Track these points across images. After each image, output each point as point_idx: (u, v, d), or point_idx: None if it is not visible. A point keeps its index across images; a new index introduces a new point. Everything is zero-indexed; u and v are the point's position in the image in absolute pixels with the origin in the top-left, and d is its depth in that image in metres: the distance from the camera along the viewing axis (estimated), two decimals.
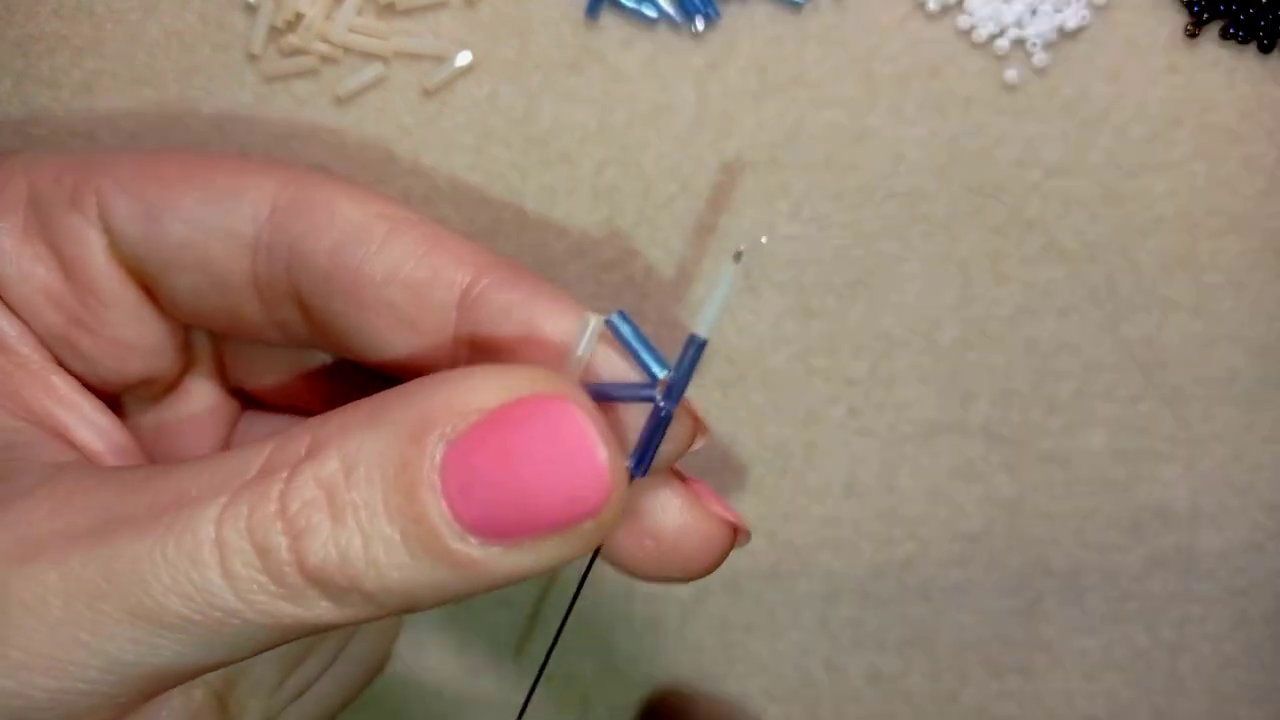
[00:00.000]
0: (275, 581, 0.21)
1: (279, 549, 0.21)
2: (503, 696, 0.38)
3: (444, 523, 0.21)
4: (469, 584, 0.21)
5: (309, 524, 0.21)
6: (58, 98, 0.33)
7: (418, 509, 0.21)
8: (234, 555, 0.21)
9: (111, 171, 0.26)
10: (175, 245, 0.26)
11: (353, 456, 0.21)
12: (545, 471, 0.21)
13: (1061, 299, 0.34)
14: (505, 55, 0.33)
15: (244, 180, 0.26)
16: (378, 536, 0.21)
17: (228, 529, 0.21)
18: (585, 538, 0.21)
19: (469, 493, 0.21)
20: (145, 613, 0.21)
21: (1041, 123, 0.33)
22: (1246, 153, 0.33)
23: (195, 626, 0.21)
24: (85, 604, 0.21)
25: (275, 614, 0.21)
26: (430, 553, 0.21)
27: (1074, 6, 0.32)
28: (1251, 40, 0.32)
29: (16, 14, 0.33)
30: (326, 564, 0.21)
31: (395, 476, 0.21)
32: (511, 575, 0.21)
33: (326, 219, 0.25)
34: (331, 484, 0.21)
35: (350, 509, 0.21)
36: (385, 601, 0.21)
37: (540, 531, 0.21)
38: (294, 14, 0.32)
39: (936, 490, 0.36)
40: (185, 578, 0.21)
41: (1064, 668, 0.37)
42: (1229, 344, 0.34)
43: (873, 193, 0.34)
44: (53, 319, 0.27)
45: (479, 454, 0.21)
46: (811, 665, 0.37)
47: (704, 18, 0.32)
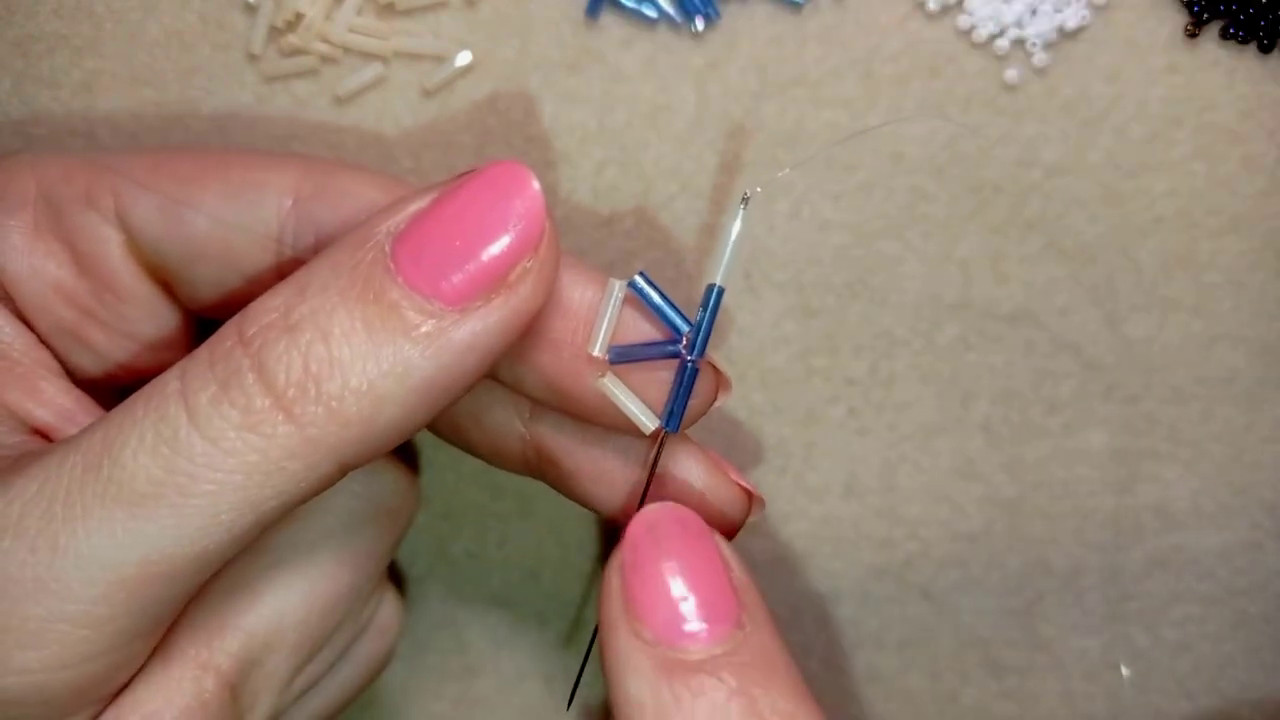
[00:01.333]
0: (240, 407, 0.21)
1: (241, 371, 0.21)
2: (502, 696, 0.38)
3: (401, 294, 0.21)
4: (434, 361, 0.21)
5: (266, 340, 0.21)
6: (57, 97, 0.33)
7: (376, 289, 0.21)
8: (199, 392, 0.21)
9: (127, 171, 0.27)
10: (198, 240, 0.26)
11: (304, 279, 0.22)
12: (483, 220, 0.22)
13: (1061, 299, 0.34)
14: (505, 55, 0.33)
15: (264, 173, 0.26)
16: (337, 330, 0.21)
17: (190, 373, 0.22)
18: (531, 283, 0.22)
19: (419, 261, 0.22)
20: (117, 490, 0.21)
21: (1041, 123, 0.33)
22: (1246, 152, 0.33)
23: (165, 490, 0.21)
24: (61, 505, 0.21)
25: (240, 451, 0.21)
26: (390, 329, 0.21)
27: (1074, 6, 0.32)
28: (1251, 40, 0.32)
29: (16, 14, 0.33)
30: (289, 372, 0.21)
31: (349, 274, 0.22)
32: (469, 344, 0.22)
33: (352, 205, 0.26)
34: (286, 305, 0.22)
35: (308, 316, 0.21)
36: (349, 406, 0.21)
37: (489, 280, 0.22)
38: (294, 14, 0.32)
39: (936, 490, 0.36)
40: (152, 432, 0.21)
41: (1064, 668, 0.37)
42: (1229, 344, 0.34)
43: (873, 193, 0.34)
44: (64, 314, 0.27)
45: (424, 228, 0.22)
46: (811, 665, 0.37)
47: (704, 18, 0.32)
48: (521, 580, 0.37)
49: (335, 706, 0.30)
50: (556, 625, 0.37)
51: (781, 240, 0.34)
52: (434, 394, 0.22)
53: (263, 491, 0.21)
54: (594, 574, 0.37)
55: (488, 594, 0.38)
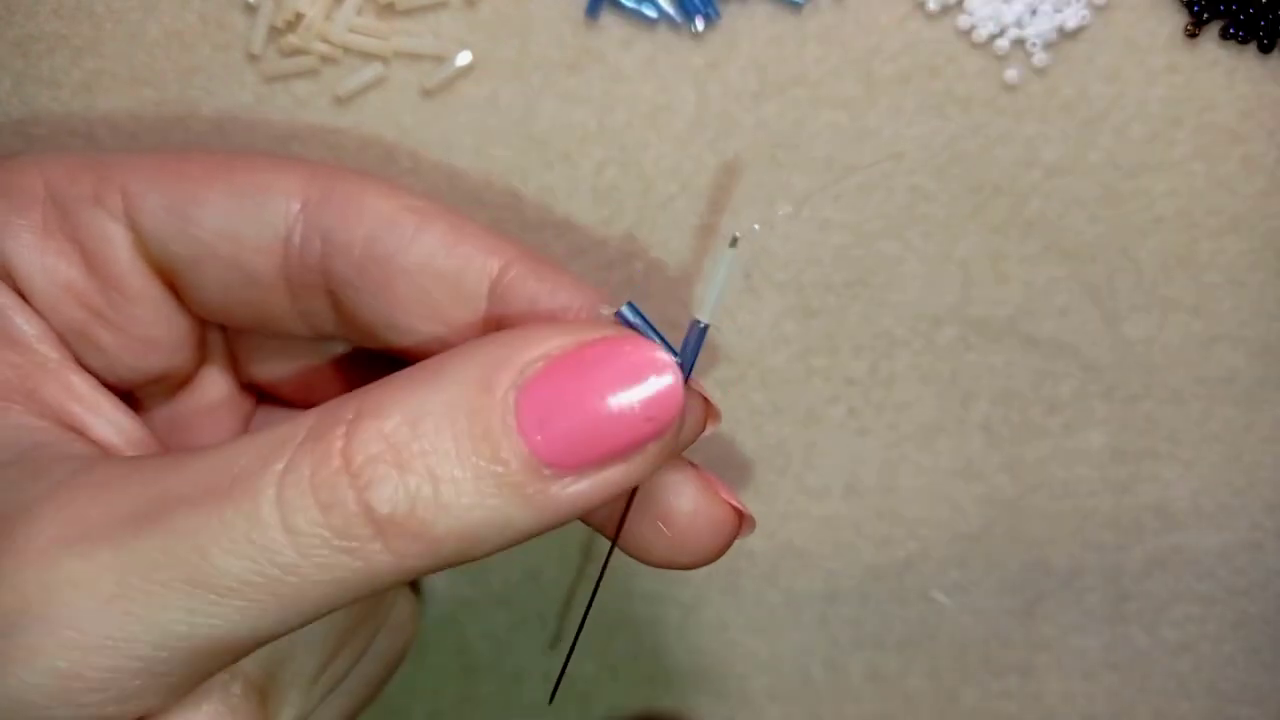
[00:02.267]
0: (339, 535, 0.21)
1: (345, 502, 0.21)
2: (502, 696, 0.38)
3: (519, 459, 0.21)
4: (535, 519, 0.22)
5: (375, 475, 0.21)
6: (57, 98, 0.33)
7: (493, 447, 0.21)
8: (297, 512, 0.21)
9: (135, 171, 0.27)
10: (206, 241, 0.26)
11: (417, 411, 0.22)
12: (619, 401, 0.22)
13: (1061, 299, 0.34)
14: (505, 55, 0.33)
15: (271, 176, 0.26)
16: (448, 479, 0.21)
17: (289, 489, 0.22)
18: (649, 459, 0.22)
19: (544, 428, 0.21)
20: (203, 580, 0.21)
21: (1041, 123, 0.33)
22: (1246, 152, 0.33)
23: (252, 590, 0.21)
24: (140, 578, 0.21)
25: (334, 567, 0.21)
26: (502, 489, 0.21)
27: (1074, 6, 0.32)
28: (1251, 40, 0.32)
29: (16, 14, 0.33)
30: (395, 511, 0.21)
31: (468, 422, 0.21)
32: (575, 506, 0.22)
33: (357, 212, 0.26)
34: (396, 437, 0.22)
35: (420, 457, 0.21)
36: (448, 546, 0.22)
37: (611, 456, 0.22)
38: (294, 14, 0.32)
39: (936, 490, 0.36)
40: (245, 538, 0.21)
41: (1064, 668, 0.37)
42: (1229, 344, 0.34)
43: (873, 193, 0.34)
44: (74, 314, 0.27)
45: (552, 391, 0.22)
46: (811, 665, 0.37)
47: (704, 18, 0.32)
48: (521, 580, 0.37)
49: (359, 704, 0.30)
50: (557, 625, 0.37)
51: (781, 240, 0.34)
52: (527, 538, 0.22)
53: (346, 598, 0.22)
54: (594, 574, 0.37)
55: (488, 594, 0.38)
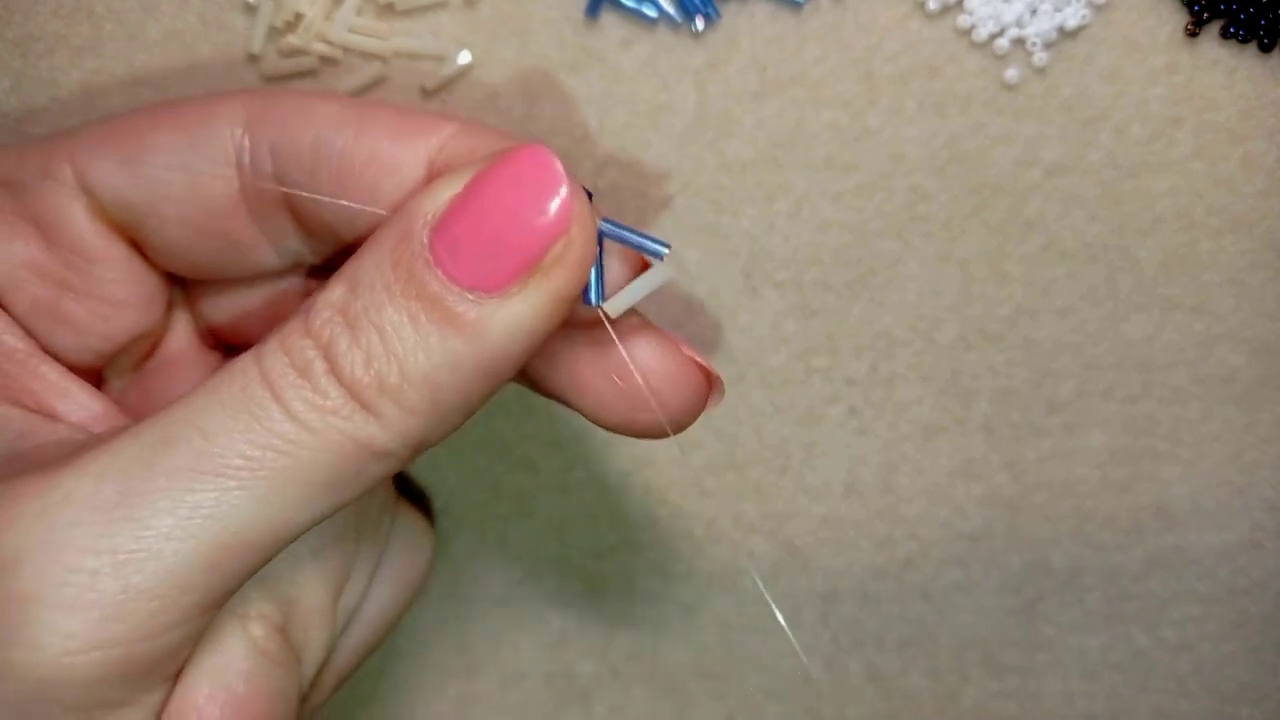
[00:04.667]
0: (321, 395, 0.23)
1: (314, 363, 0.23)
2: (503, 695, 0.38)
3: (441, 286, 0.23)
4: (478, 349, 0.23)
5: (332, 336, 0.23)
6: (56, 97, 0.33)
7: (417, 284, 0.23)
8: (280, 379, 0.23)
9: (81, 138, 0.27)
10: (160, 183, 0.27)
11: (354, 275, 0.23)
12: (513, 209, 0.23)
13: (1061, 299, 0.34)
14: (505, 55, 0.33)
15: (213, 106, 0.27)
16: (389, 325, 0.23)
17: (268, 362, 0.23)
18: (565, 265, 0.23)
19: (456, 254, 0.23)
20: (204, 462, 0.22)
21: (1041, 122, 0.33)
22: (1246, 152, 0.33)
23: (259, 466, 0.22)
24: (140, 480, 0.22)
25: (326, 433, 0.23)
26: (436, 321, 0.23)
27: (1074, 6, 0.32)
28: (1251, 40, 0.32)
29: (15, 14, 0.33)
30: (354, 367, 0.23)
31: (393, 270, 0.23)
32: (514, 329, 0.23)
33: (302, 118, 0.26)
34: (342, 302, 0.23)
35: (361, 314, 0.23)
36: (410, 396, 0.23)
37: (523, 268, 0.23)
38: (294, 14, 0.32)
39: (936, 490, 0.36)
40: (244, 410, 0.22)
41: (1064, 668, 0.37)
42: (1229, 344, 0.34)
43: (873, 192, 0.34)
44: (40, 291, 0.27)
45: (457, 222, 0.23)
46: (811, 665, 0.37)
47: (704, 17, 0.32)
48: (521, 580, 0.37)
49: (380, 632, 0.31)
50: (556, 625, 0.37)
51: (782, 240, 0.34)
52: (485, 378, 0.23)
53: (345, 474, 0.23)
54: (595, 574, 0.37)
55: (488, 594, 0.38)
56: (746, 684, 0.38)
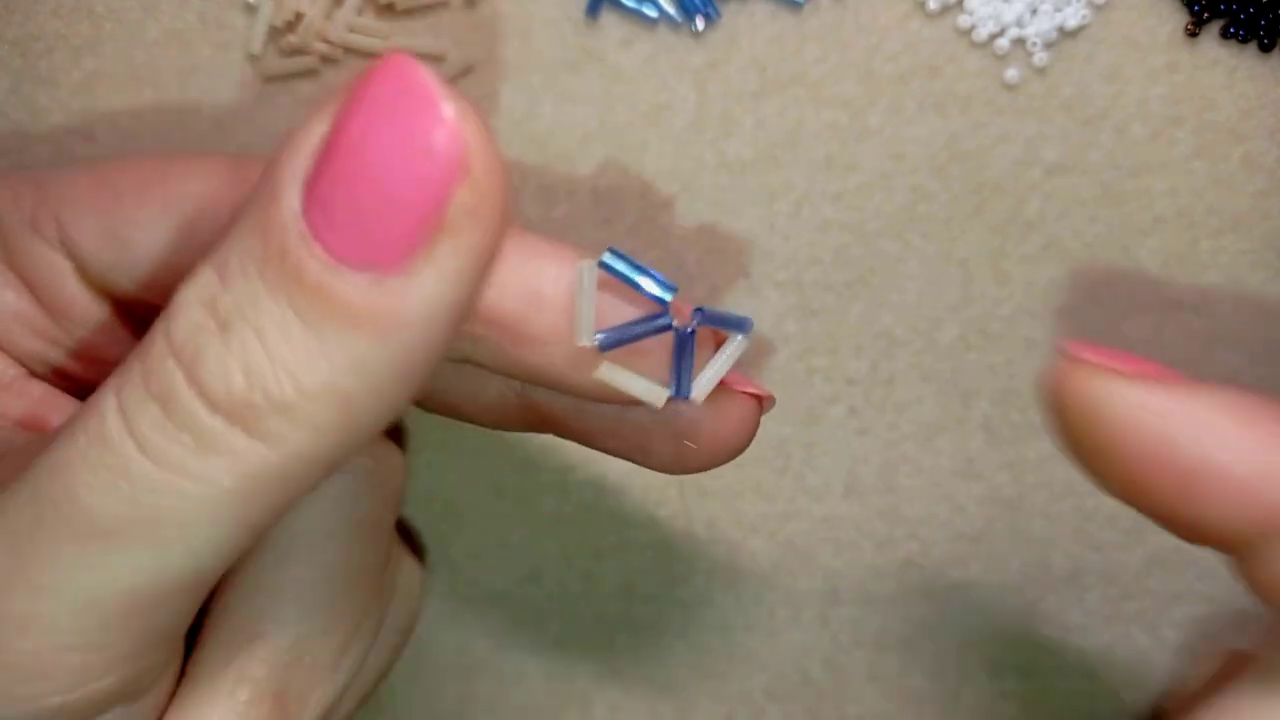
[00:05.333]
0: (190, 430, 0.18)
1: (178, 389, 0.18)
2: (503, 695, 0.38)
3: (324, 269, 0.17)
4: (390, 345, 0.18)
5: (197, 347, 0.18)
6: (56, 97, 0.33)
7: (292, 265, 0.17)
8: (139, 418, 0.18)
9: (69, 194, 0.25)
10: (148, 262, 0.25)
11: (222, 257, 0.18)
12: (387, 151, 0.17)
13: (1062, 298, 0.34)
14: (505, 55, 0.33)
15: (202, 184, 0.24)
16: (271, 326, 0.17)
17: (125, 394, 0.18)
18: (473, 219, 0.17)
19: (334, 221, 0.17)
20: (83, 526, 0.18)
21: (1041, 122, 0.33)
22: (1247, 152, 0.33)
23: (133, 524, 0.18)
24: (28, 542, 0.19)
25: (208, 474, 0.18)
26: (328, 316, 0.17)
27: (1074, 6, 0.32)
28: (1252, 39, 0.32)
29: (15, 13, 0.33)
30: (230, 385, 0.18)
31: (263, 249, 0.17)
32: (426, 311, 0.18)
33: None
34: (210, 296, 0.18)
35: (234, 311, 0.18)
36: (313, 414, 0.18)
37: (420, 228, 0.17)
38: (294, 14, 0.32)
39: (937, 490, 0.36)
40: (101, 465, 0.18)
41: (1064, 667, 0.37)
42: (1229, 344, 0.34)
43: (873, 192, 0.34)
44: (30, 344, 0.26)
45: (328, 178, 0.17)
46: (811, 665, 0.37)
47: (704, 17, 0.32)
48: (521, 580, 0.37)
49: (374, 684, 0.29)
50: (557, 625, 0.37)
51: (782, 240, 0.34)
52: (406, 374, 0.18)
53: (246, 509, 0.19)
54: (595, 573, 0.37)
55: (488, 594, 0.37)
56: (746, 684, 0.38)
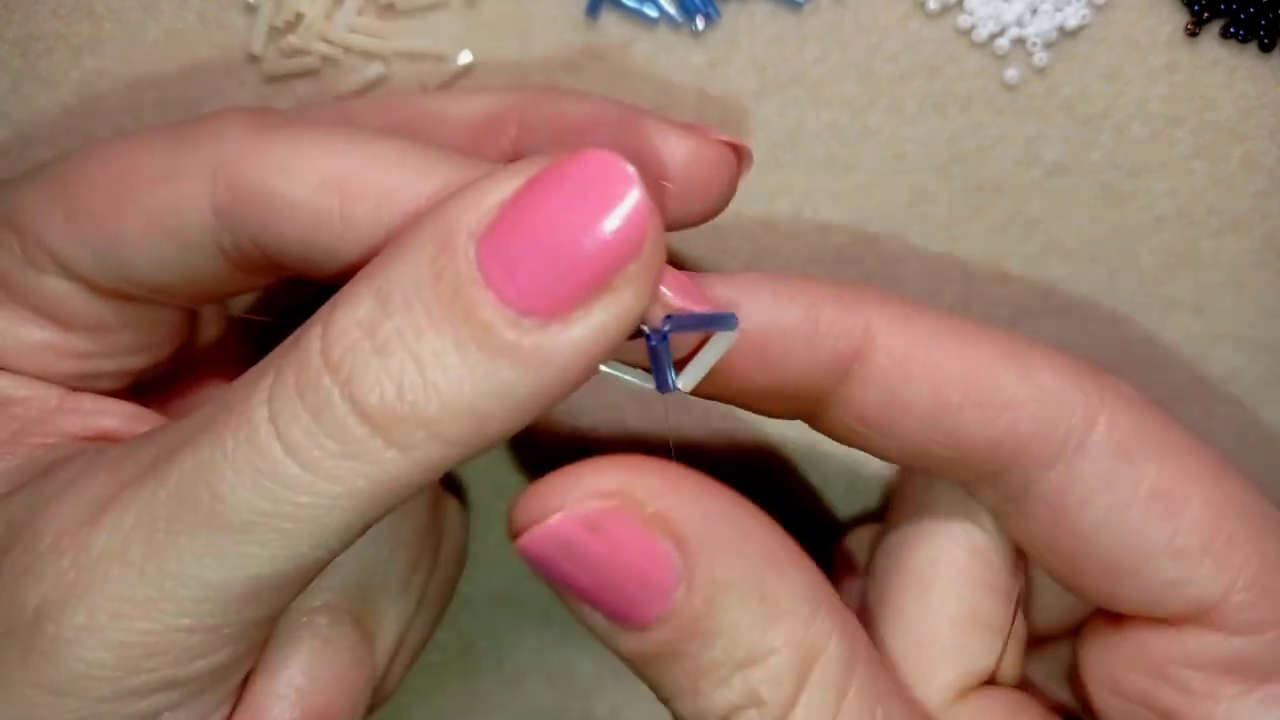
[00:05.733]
0: (337, 438, 0.20)
1: (332, 401, 0.20)
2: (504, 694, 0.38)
3: (495, 312, 0.20)
4: (533, 379, 0.20)
5: (355, 365, 0.20)
6: (56, 97, 0.33)
7: (465, 307, 0.20)
8: (291, 424, 0.21)
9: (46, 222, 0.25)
10: (151, 275, 0.25)
11: (384, 289, 0.20)
12: (580, 222, 0.20)
13: (1062, 298, 0.34)
14: (505, 55, 0.33)
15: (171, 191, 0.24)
16: (428, 353, 0.20)
17: (278, 402, 0.21)
18: (634, 285, 0.20)
19: (511, 273, 0.20)
20: (221, 521, 0.21)
21: (1041, 122, 0.33)
22: (1247, 152, 0.33)
23: (271, 519, 0.21)
24: (164, 533, 0.21)
25: (344, 478, 0.21)
26: (486, 350, 0.20)
27: (1074, 5, 0.32)
28: (1252, 39, 0.32)
29: (15, 13, 0.33)
30: (384, 400, 0.20)
31: (433, 287, 0.20)
32: (572, 357, 0.20)
33: (273, 209, 0.24)
34: (370, 321, 0.20)
35: (395, 336, 0.20)
36: (451, 429, 0.20)
37: (588, 289, 0.20)
38: (294, 14, 0.32)
39: None
40: (249, 466, 0.21)
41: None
42: (1229, 344, 0.35)
43: (873, 192, 0.34)
44: (67, 365, 0.27)
45: (512, 235, 0.20)
46: None
47: (704, 17, 0.32)
48: (523, 579, 0.37)
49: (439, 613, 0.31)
50: (558, 624, 0.37)
51: (783, 240, 0.34)
52: (537, 404, 0.21)
53: (370, 509, 0.21)
54: None
55: (489, 593, 0.38)
56: None
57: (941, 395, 0.24)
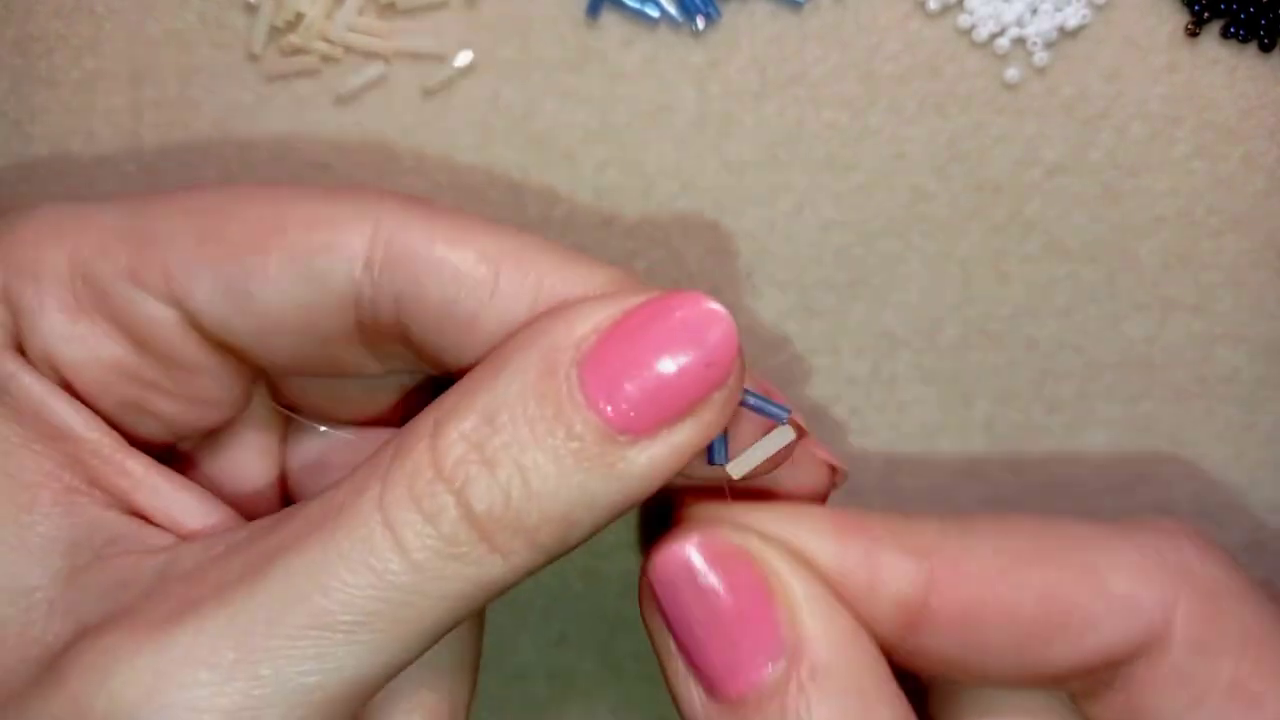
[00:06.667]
0: (449, 543, 0.22)
1: (447, 508, 0.22)
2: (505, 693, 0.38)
3: (592, 429, 0.22)
4: (619, 489, 0.22)
5: (468, 476, 0.22)
6: (57, 97, 0.33)
7: (565, 423, 0.22)
8: (405, 528, 0.22)
9: (174, 247, 0.25)
10: (272, 316, 0.25)
11: (490, 408, 0.22)
12: (679, 355, 0.22)
13: (1062, 298, 0.34)
14: (506, 55, 0.33)
15: (328, 235, 0.24)
16: (532, 466, 0.22)
17: (393, 508, 0.22)
18: (715, 410, 0.22)
19: (613, 395, 0.22)
20: (325, 619, 0.21)
21: (1042, 122, 0.33)
22: (1247, 152, 0.33)
23: (377, 620, 0.21)
24: (262, 635, 0.21)
25: (450, 579, 0.22)
26: (582, 464, 0.22)
27: (1074, 5, 0.32)
28: (1252, 39, 0.32)
29: (15, 13, 0.33)
30: (492, 508, 0.22)
31: (538, 406, 0.22)
32: (654, 470, 0.22)
33: (429, 271, 0.24)
34: (477, 436, 0.22)
35: (503, 450, 0.22)
36: (545, 536, 0.22)
37: (682, 413, 0.22)
38: (294, 13, 0.32)
39: (938, 490, 0.36)
40: (364, 566, 0.21)
41: None
42: (1230, 344, 0.34)
43: (874, 192, 0.34)
44: (127, 391, 0.26)
45: (611, 360, 0.22)
46: None
47: (705, 17, 0.32)
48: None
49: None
50: (557, 625, 0.37)
51: (783, 239, 0.34)
52: (615, 513, 0.23)
53: (463, 610, 0.22)
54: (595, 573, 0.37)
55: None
56: None
57: (1021, 630, 0.25)
